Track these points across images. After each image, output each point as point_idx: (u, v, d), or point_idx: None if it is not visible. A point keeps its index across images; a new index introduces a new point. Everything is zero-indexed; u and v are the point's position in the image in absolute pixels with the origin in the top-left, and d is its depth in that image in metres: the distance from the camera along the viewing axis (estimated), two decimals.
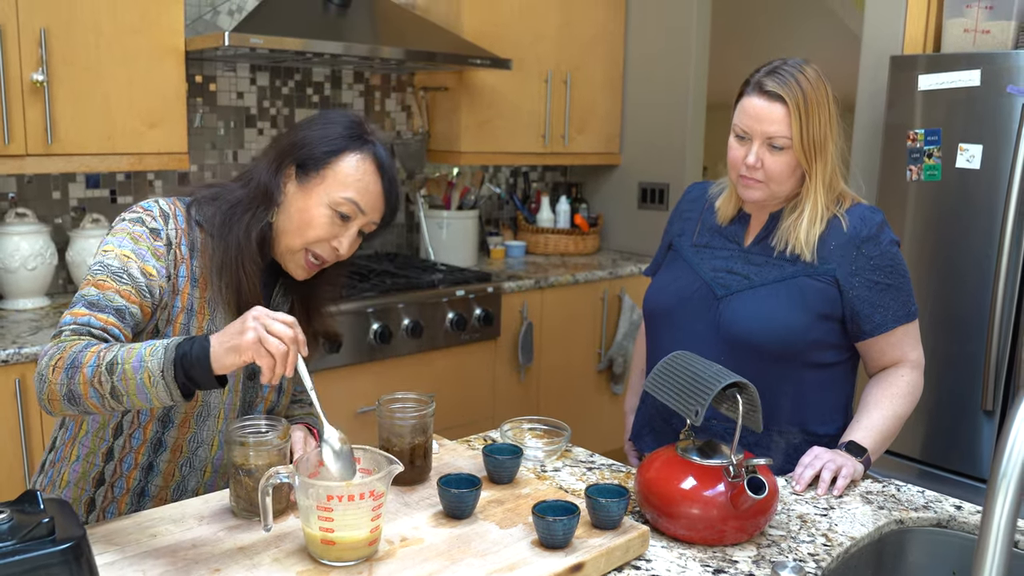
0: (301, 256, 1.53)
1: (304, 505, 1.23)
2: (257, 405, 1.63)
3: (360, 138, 1.55)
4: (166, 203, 1.53)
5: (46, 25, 2.55)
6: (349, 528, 1.21)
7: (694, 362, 1.48)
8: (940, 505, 1.59)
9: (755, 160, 1.71)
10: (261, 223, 1.51)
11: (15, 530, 1.02)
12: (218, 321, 1.53)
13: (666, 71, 4.16)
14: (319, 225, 1.51)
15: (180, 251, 1.50)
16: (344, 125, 1.55)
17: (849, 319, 1.74)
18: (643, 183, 4.33)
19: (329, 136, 1.53)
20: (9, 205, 2.91)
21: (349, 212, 1.51)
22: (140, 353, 1.26)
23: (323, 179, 1.51)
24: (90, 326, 1.38)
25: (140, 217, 1.50)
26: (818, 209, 1.74)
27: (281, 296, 1.64)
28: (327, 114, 1.59)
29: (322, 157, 1.51)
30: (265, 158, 1.57)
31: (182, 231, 1.52)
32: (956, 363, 2.71)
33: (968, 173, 2.65)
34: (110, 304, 1.41)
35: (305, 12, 3.08)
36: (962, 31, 2.80)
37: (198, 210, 1.55)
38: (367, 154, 1.54)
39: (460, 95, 3.72)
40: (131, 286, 1.43)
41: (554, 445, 1.74)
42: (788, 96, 1.67)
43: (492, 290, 3.43)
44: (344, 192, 1.50)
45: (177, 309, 1.49)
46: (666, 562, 1.35)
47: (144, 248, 1.47)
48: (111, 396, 1.27)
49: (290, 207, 1.52)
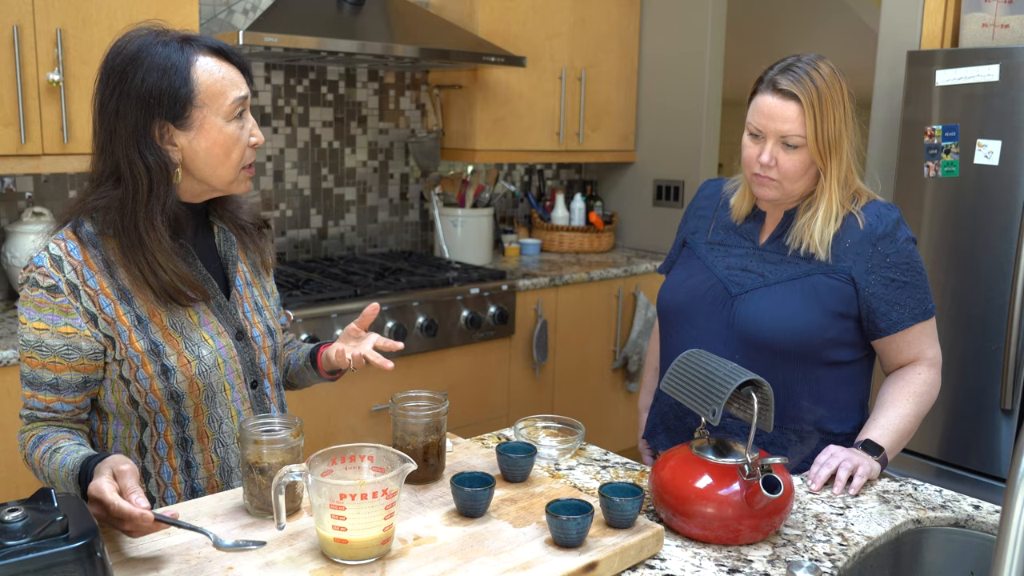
0: (241, 175, 1.52)
1: (316, 504, 1.23)
2: (259, 358, 1.62)
3: (183, 44, 1.44)
4: (55, 244, 1.45)
5: (62, 25, 2.57)
6: (362, 527, 1.21)
7: (709, 360, 1.47)
8: (958, 504, 1.58)
9: (769, 159, 1.70)
10: (164, 205, 1.45)
11: (29, 528, 1.02)
12: (176, 311, 1.50)
13: (681, 67, 4.14)
14: (235, 140, 1.47)
15: (89, 287, 1.44)
16: (153, 47, 1.42)
17: (865, 317, 1.73)
18: (658, 180, 4.31)
19: (163, 69, 1.41)
20: (26, 204, 2.93)
21: (241, 107, 1.48)
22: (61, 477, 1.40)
23: (204, 106, 1.44)
24: (36, 409, 1.49)
25: (34, 279, 1.43)
26: (833, 208, 1.72)
27: (223, 240, 1.62)
28: (126, 54, 1.43)
29: (183, 92, 1.42)
30: (117, 141, 1.43)
31: (82, 263, 1.44)
32: (974, 361, 2.69)
33: (986, 169, 2.63)
34: (43, 381, 1.46)
35: (319, 11, 3.08)
36: (980, 26, 2.77)
37: (92, 223, 1.47)
38: (202, 52, 1.45)
39: (474, 93, 3.72)
40: (53, 356, 1.44)
41: (568, 443, 1.74)
42: (802, 94, 1.66)
43: (507, 288, 3.43)
44: (227, 99, 1.45)
45: (125, 332, 1.46)
46: (680, 561, 1.34)
47: (49, 312, 1.43)
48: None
49: (198, 152, 1.46)
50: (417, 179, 4.00)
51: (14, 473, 2.41)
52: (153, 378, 1.48)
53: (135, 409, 1.51)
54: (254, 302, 1.64)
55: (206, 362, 1.52)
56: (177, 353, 1.49)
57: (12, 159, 2.55)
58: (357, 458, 1.33)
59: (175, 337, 1.49)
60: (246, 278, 1.64)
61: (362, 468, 1.33)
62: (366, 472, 1.32)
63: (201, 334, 1.52)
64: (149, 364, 1.47)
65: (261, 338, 1.63)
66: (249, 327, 1.61)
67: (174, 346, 1.49)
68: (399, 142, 3.91)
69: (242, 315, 1.60)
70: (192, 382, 1.51)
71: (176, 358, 1.49)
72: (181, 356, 1.49)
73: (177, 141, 1.45)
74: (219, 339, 1.55)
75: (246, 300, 1.62)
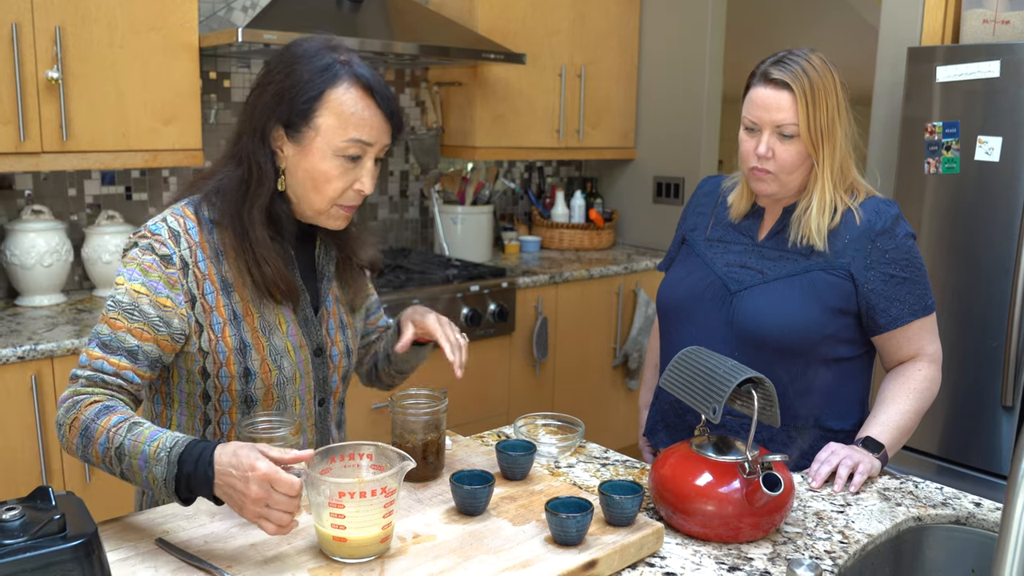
0: (333, 211, 1.47)
1: (315, 502, 1.23)
2: (332, 377, 1.60)
3: (335, 65, 1.41)
4: (174, 219, 1.46)
5: (61, 23, 2.56)
6: (361, 525, 1.21)
7: (709, 358, 1.47)
8: (959, 502, 1.57)
9: (766, 150, 1.69)
10: (262, 203, 1.44)
11: (27, 527, 1.02)
12: (268, 316, 1.49)
13: (681, 64, 4.14)
14: (334, 178, 1.43)
15: (199, 269, 1.44)
16: (313, 57, 1.42)
17: (864, 313, 1.72)
18: (658, 177, 4.31)
19: (303, 79, 1.40)
20: (26, 202, 2.92)
21: (358, 152, 1.42)
22: (145, 451, 1.26)
23: (316, 130, 1.41)
24: (103, 372, 1.37)
25: (149, 244, 1.43)
26: (826, 197, 1.72)
27: (324, 255, 1.60)
28: (292, 52, 1.44)
29: (305, 108, 1.40)
30: (245, 125, 1.46)
31: (197, 244, 1.45)
32: (975, 358, 2.68)
33: (987, 166, 2.62)
34: (122, 345, 1.38)
35: (319, 7, 3.08)
36: (981, 22, 2.77)
37: (210, 208, 1.47)
38: (350, 82, 1.41)
39: (474, 90, 3.72)
40: (143, 323, 1.39)
41: (568, 441, 1.73)
42: (794, 83, 1.66)
43: (507, 285, 3.42)
44: (344, 135, 1.41)
45: (219, 324, 1.45)
46: (680, 559, 1.34)
47: (155, 279, 1.41)
48: (120, 476, 1.31)
49: (296, 171, 1.44)
50: (417, 176, 3.99)
51: (12, 471, 2.41)
52: (234, 378, 1.47)
53: (204, 404, 1.50)
54: (340, 319, 1.63)
55: (285, 374, 1.51)
56: (261, 359, 1.48)
57: (11, 157, 2.54)
58: (356, 456, 1.33)
59: (262, 340, 1.49)
60: (336, 295, 1.63)
61: (361, 466, 1.32)
62: (365, 470, 1.32)
63: (286, 343, 1.51)
64: (234, 364, 1.46)
65: (339, 357, 1.62)
66: (330, 345, 1.59)
67: (260, 351, 1.48)
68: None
69: (325, 332, 1.59)
70: (269, 390, 1.50)
71: (259, 364, 1.48)
72: (264, 362, 1.49)
73: (285, 150, 1.45)
74: (299, 352, 1.53)
75: (332, 317, 1.61)
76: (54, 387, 2.44)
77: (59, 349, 2.42)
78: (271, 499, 1.17)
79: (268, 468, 1.16)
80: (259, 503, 1.17)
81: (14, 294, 2.90)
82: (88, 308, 2.83)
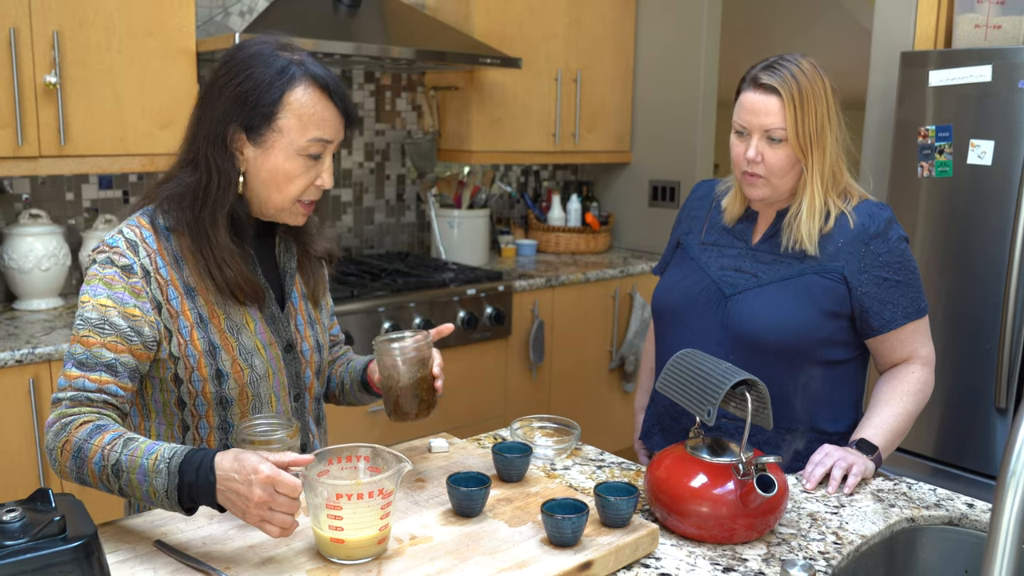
0: (295, 207, 1.49)
1: (313, 504, 1.24)
2: (304, 372, 1.61)
3: (291, 65, 1.42)
4: (130, 229, 1.46)
5: (59, 28, 2.57)
6: (358, 527, 1.22)
7: (703, 360, 1.48)
8: (952, 503, 1.58)
9: (755, 154, 1.71)
10: (225, 206, 1.45)
11: (27, 528, 1.03)
12: (234, 316, 1.50)
13: (676, 68, 4.15)
14: (296, 176, 1.45)
15: (160, 275, 1.44)
16: (268, 58, 1.43)
17: (858, 316, 1.74)
18: (654, 181, 4.32)
19: (262, 82, 1.41)
20: (23, 206, 2.93)
21: (319, 150, 1.45)
22: (144, 465, 1.25)
23: (279, 132, 1.42)
24: (85, 390, 1.36)
25: (108, 257, 1.43)
26: (816, 202, 1.73)
27: (284, 251, 1.61)
28: (244, 53, 1.44)
29: (267, 111, 1.41)
30: (202, 130, 1.45)
31: (156, 252, 1.45)
32: (969, 360, 2.70)
33: (979, 169, 2.64)
34: (99, 361, 1.38)
35: (315, 13, 3.09)
36: (973, 27, 2.79)
37: (164, 216, 1.48)
38: (307, 83, 1.42)
39: (470, 94, 3.73)
40: (116, 335, 1.39)
41: (564, 443, 1.74)
42: (782, 88, 1.68)
43: (503, 289, 3.44)
44: (306, 135, 1.42)
45: (187, 328, 1.46)
46: (675, 560, 1.35)
47: (120, 291, 1.41)
48: (120, 493, 1.30)
49: (259, 172, 1.45)
50: (413, 180, 4.01)
51: (10, 474, 2.42)
52: (207, 381, 1.48)
53: (181, 411, 1.50)
54: (307, 315, 1.63)
55: (258, 371, 1.52)
56: (232, 359, 1.49)
57: (9, 161, 2.55)
58: (353, 458, 1.34)
59: (231, 341, 1.49)
60: (302, 291, 1.63)
61: (358, 468, 1.33)
62: (362, 472, 1.33)
63: (255, 342, 1.52)
64: (205, 367, 1.47)
65: (310, 352, 1.62)
66: (299, 340, 1.60)
67: (229, 351, 1.49)
68: (395, 143, 3.92)
69: (294, 328, 1.59)
70: (243, 390, 1.51)
71: (231, 364, 1.49)
72: (235, 363, 1.49)
73: (245, 152, 1.45)
74: (270, 350, 1.54)
75: (300, 313, 1.61)
76: (52, 390, 2.45)
77: (56, 353, 2.43)
78: (274, 502, 1.18)
79: (271, 471, 1.17)
80: (263, 506, 1.18)
81: (12, 298, 2.90)
82: None
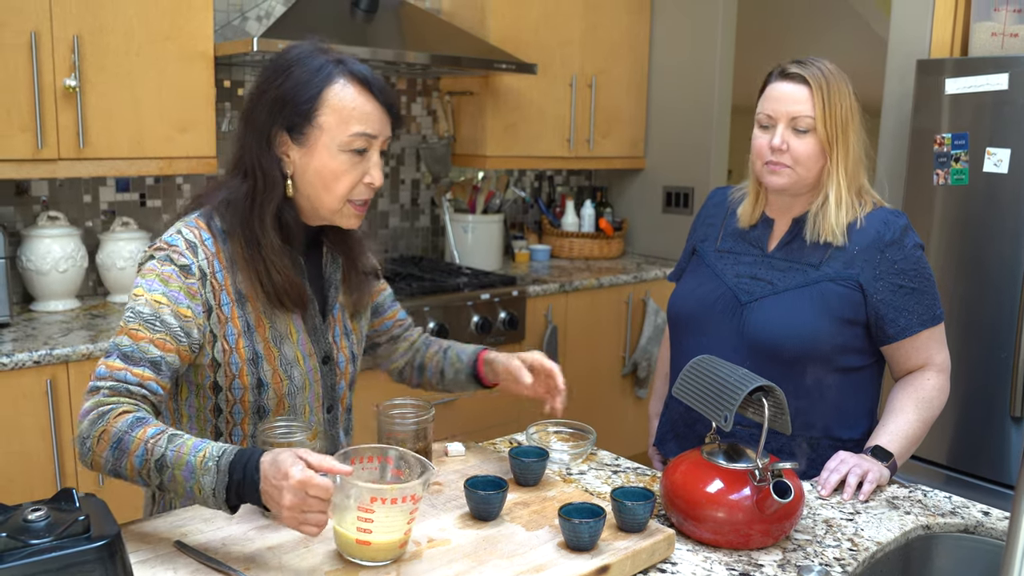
0: (347, 209, 1.49)
1: (342, 505, 1.24)
2: (339, 384, 1.62)
3: (329, 64, 1.44)
4: (189, 231, 1.47)
5: (79, 32, 2.60)
6: (386, 530, 1.22)
7: (719, 367, 1.48)
8: (967, 511, 1.58)
9: (780, 142, 1.71)
10: (272, 209, 1.46)
11: (51, 527, 1.04)
12: (279, 325, 1.50)
13: (691, 74, 4.16)
14: (343, 174, 1.44)
15: (216, 280, 1.45)
16: (307, 59, 1.44)
17: (873, 323, 1.74)
18: (668, 187, 4.32)
19: (300, 81, 1.42)
20: (41, 208, 2.95)
21: (363, 145, 1.44)
22: (191, 462, 1.24)
23: (321, 129, 1.43)
24: (127, 382, 1.35)
25: (168, 255, 1.43)
26: (842, 193, 1.74)
27: (330, 262, 1.61)
28: (284, 58, 1.47)
29: (306, 108, 1.42)
30: (248, 136, 1.47)
31: (213, 255, 1.46)
32: (984, 368, 2.69)
33: (996, 177, 2.63)
34: (145, 356, 1.37)
35: (332, 17, 3.10)
36: (990, 35, 2.78)
37: (221, 219, 1.49)
38: (346, 78, 1.44)
39: (485, 99, 3.74)
40: (165, 333, 1.38)
41: (579, 448, 1.75)
42: (811, 78, 1.71)
43: (517, 294, 3.44)
44: (348, 130, 1.43)
45: (233, 335, 1.46)
46: (691, 565, 1.35)
47: (175, 289, 1.41)
48: (158, 488, 1.29)
49: (305, 172, 1.45)
50: (428, 185, 4.02)
51: (27, 475, 2.43)
52: (247, 390, 1.48)
53: (215, 417, 1.51)
54: (344, 326, 1.64)
55: (296, 383, 1.53)
56: (272, 369, 1.49)
57: (28, 164, 2.57)
58: (375, 459, 1.34)
59: (273, 351, 1.50)
60: (341, 302, 1.64)
61: (385, 470, 1.34)
62: (388, 474, 1.33)
63: (296, 353, 1.53)
64: (247, 375, 1.48)
65: (345, 363, 1.63)
66: (336, 352, 1.61)
67: (271, 361, 1.49)
68: (410, 148, 3.93)
69: (331, 339, 1.60)
70: (280, 400, 1.52)
71: (271, 374, 1.49)
72: (276, 373, 1.50)
73: (290, 154, 1.46)
74: (308, 361, 1.55)
75: (338, 323, 1.62)
76: (69, 391, 2.47)
77: (74, 354, 2.45)
78: (305, 504, 1.17)
79: (301, 475, 1.16)
80: (295, 510, 1.17)
81: (29, 299, 2.92)
82: (102, 314, 2.86)
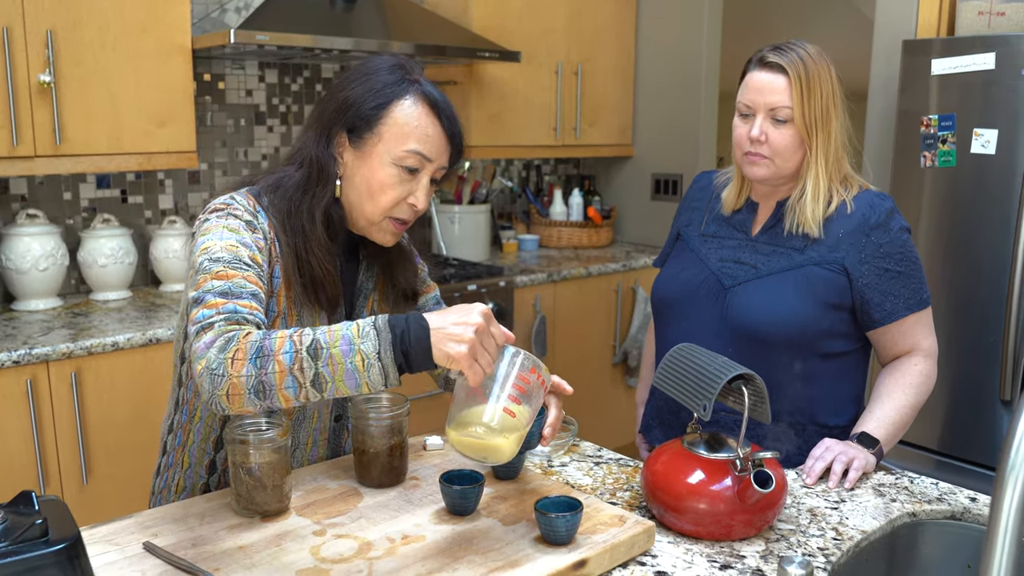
0: (385, 223, 1.47)
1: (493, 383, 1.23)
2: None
3: (404, 81, 1.43)
4: (242, 197, 1.43)
5: (52, 26, 2.56)
6: (527, 412, 1.25)
7: (699, 355, 1.46)
8: (954, 497, 1.56)
9: (759, 132, 1.69)
10: (323, 204, 1.44)
11: (8, 531, 1.01)
12: (305, 320, 1.47)
13: (678, 60, 4.13)
14: (389, 187, 1.42)
15: (275, 248, 1.42)
16: (385, 72, 1.44)
17: (859, 307, 1.71)
18: (656, 174, 4.30)
19: (373, 89, 1.42)
20: (20, 206, 2.92)
21: (416, 164, 1.43)
22: (347, 335, 1.16)
23: (379, 137, 1.42)
24: (238, 312, 1.24)
25: (229, 212, 1.39)
26: (820, 185, 1.71)
27: (365, 271, 1.59)
28: (365, 65, 1.47)
29: (371, 114, 1.42)
30: (312, 130, 1.47)
31: (268, 227, 1.43)
32: (973, 352, 2.67)
33: (983, 159, 2.61)
34: (244, 290, 1.28)
35: (312, 8, 3.07)
36: (976, 14, 2.75)
37: (269, 200, 1.46)
38: (417, 97, 1.43)
39: (470, 89, 3.71)
40: (253, 272, 1.32)
41: (561, 440, 1.73)
42: (789, 67, 1.67)
43: (505, 284, 3.42)
44: (405, 145, 1.41)
45: (273, 314, 1.42)
46: (672, 557, 1.33)
47: (246, 237, 1.37)
48: (312, 385, 1.15)
49: (354, 176, 1.44)
50: None
51: (8, 475, 2.41)
52: None
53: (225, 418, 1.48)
54: None
55: None
56: None
57: (5, 161, 2.54)
58: None
59: None
60: (372, 309, 1.60)
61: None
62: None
63: None
64: None
65: None
66: None
67: None
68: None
69: None
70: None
71: None
72: None
73: (345, 155, 1.45)
74: None
75: None
76: (50, 391, 2.44)
77: (54, 353, 2.42)
78: (487, 335, 1.18)
79: (487, 310, 1.20)
80: (483, 335, 1.17)
81: (10, 298, 2.89)
82: (85, 312, 2.83)
